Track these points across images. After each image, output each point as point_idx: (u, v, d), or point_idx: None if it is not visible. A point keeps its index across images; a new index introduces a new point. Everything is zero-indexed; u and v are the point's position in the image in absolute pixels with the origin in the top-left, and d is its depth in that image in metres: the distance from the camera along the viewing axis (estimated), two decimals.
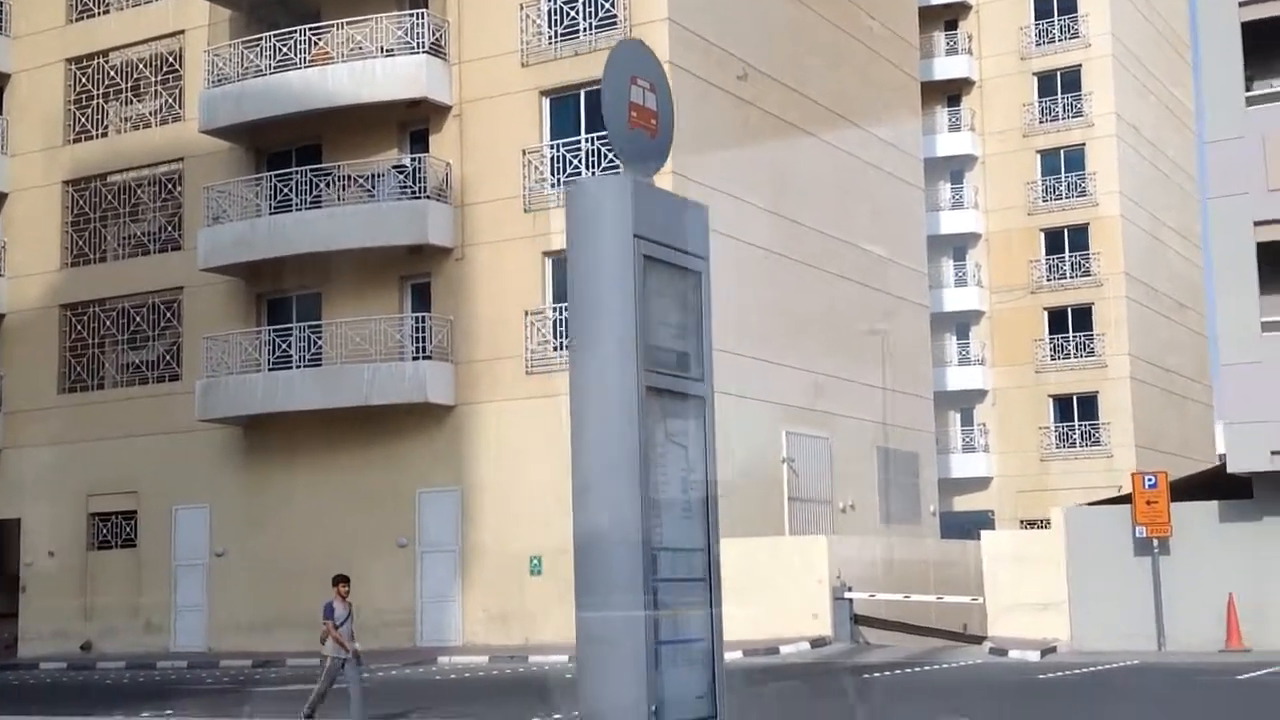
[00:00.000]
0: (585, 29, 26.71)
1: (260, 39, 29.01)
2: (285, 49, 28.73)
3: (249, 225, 28.63)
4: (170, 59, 31.58)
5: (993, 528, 41.79)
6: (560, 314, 26.33)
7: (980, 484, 45.26)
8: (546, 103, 27.10)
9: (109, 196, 32.31)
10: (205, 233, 29.09)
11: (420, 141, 28.62)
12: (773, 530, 27.21)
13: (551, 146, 26.87)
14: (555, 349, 26.39)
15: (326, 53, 28.51)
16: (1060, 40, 47.19)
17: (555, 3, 26.96)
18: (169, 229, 31.32)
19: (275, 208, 28.81)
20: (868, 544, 26.47)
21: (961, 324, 46.10)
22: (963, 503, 43.49)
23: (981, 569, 24.09)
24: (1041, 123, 47.09)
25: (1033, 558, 24.04)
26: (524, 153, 26.92)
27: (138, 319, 31.57)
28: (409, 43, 27.83)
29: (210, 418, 28.81)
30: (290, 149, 29.84)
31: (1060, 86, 47.07)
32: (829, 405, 29.81)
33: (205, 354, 29.10)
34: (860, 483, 30.98)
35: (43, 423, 32.14)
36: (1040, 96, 47.27)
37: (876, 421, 31.61)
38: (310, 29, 28.57)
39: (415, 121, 28.41)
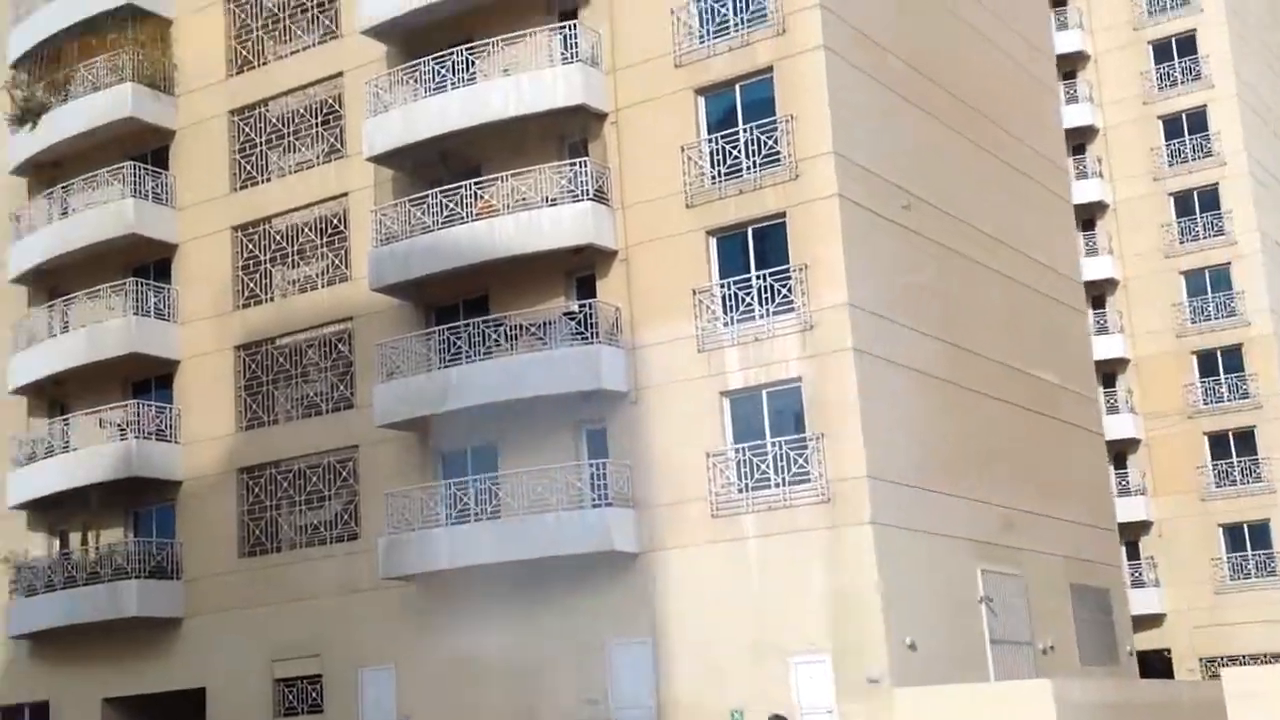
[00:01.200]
0: (749, 167, 25.62)
1: (425, 196, 28.37)
2: (451, 204, 28.11)
3: (423, 380, 27.61)
4: (334, 221, 31.05)
5: (1171, 667, 39.24)
6: (743, 455, 25.09)
7: (1153, 621, 42.58)
8: (714, 242, 26.07)
9: (280, 359, 31.61)
10: (380, 389, 28.09)
11: (586, 287, 27.56)
12: (975, 675, 25.14)
13: (722, 285, 25.84)
14: (740, 490, 25.00)
15: (491, 205, 27.77)
16: (1194, 160, 45.66)
17: (718, 143, 26.11)
18: (340, 388, 30.44)
19: (448, 361, 27.87)
20: (1087, 688, 24.32)
21: (1119, 452, 43.92)
22: (1138, 641, 41.02)
23: (1224, 709, 21.87)
24: (1182, 243, 45.40)
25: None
26: (694, 292, 25.64)
27: (314, 479, 30.58)
28: (573, 191, 27.05)
29: (394, 575, 27.40)
30: (458, 302, 28.88)
31: (1199, 206, 45.45)
32: (1018, 540, 27.94)
33: (386, 511, 28.09)
34: (1056, 622, 28.43)
35: (223, 589, 31.03)
36: (1178, 216, 45.63)
37: (1065, 556, 29.37)
38: (474, 183, 27.99)
39: (581, 268, 27.32)
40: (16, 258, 34.55)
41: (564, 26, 27.41)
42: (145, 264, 33.39)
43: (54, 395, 34.54)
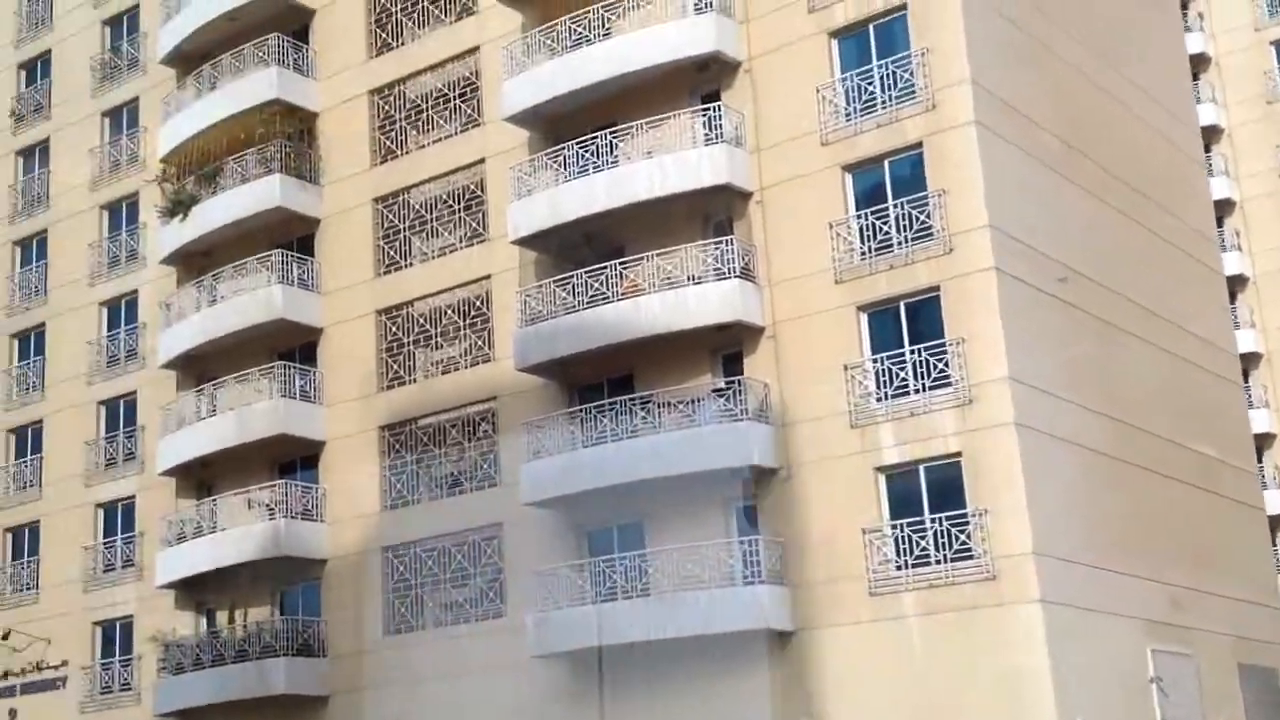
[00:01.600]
0: (900, 242, 25.22)
1: (570, 277, 28.32)
2: (596, 284, 28.05)
3: (570, 458, 27.42)
4: (477, 303, 31.05)
5: None
6: (902, 531, 24.45)
7: None
8: (864, 317, 25.68)
9: (423, 439, 31.65)
10: (527, 468, 27.88)
11: (732, 364, 27.16)
12: None
13: (874, 360, 25.38)
14: (898, 568, 24.36)
15: (636, 285, 27.63)
16: None
17: (867, 218, 25.79)
18: (484, 466, 30.46)
19: (595, 439, 27.67)
20: None
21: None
22: None
23: None
24: None
25: None
26: (845, 368, 25.23)
27: (458, 557, 30.42)
28: (718, 269, 26.85)
29: (544, 653, 27.11)
30: (602, 380, 28.73)
31: None
32: (1186, 619, 26.69)
33: (536, 588, 27.83)
34: (1225, 703, 27.16)
35: (369, 666, 30.91)
36: None
37: (1233, 635, 28.12)
38: (620, 263, 27.95)
39: (727, 345, 26.93)
40: (166, 344, 35.03)
41: (708, 108, 27.35)
42: (291, 348, 33.65)
43: (201, 477, 34.83)
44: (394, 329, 32.10)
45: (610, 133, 27.89)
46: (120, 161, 38.52)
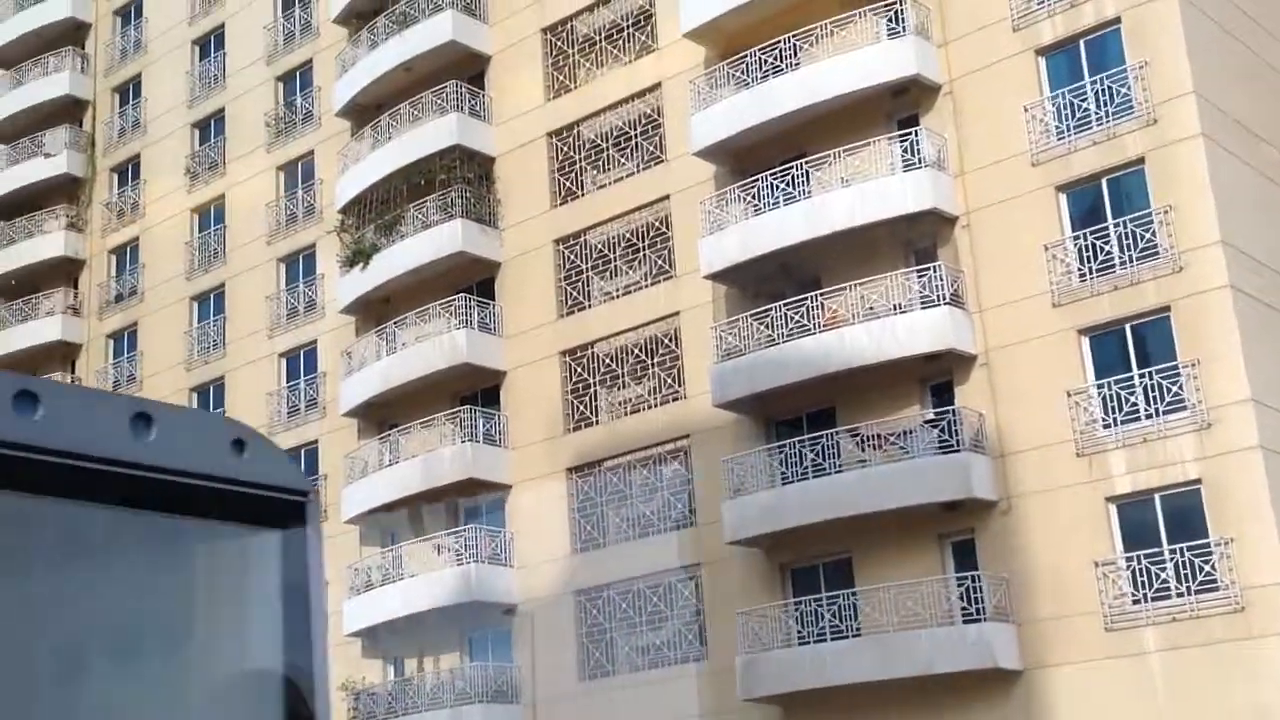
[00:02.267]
0: (1124, 262, 24.11)
1: (768, 310, 27.59)
2: (796, 316, 27.26)
3: (775, 495, 26.41)
4: (665, 340, 30.47)
5: None
6: (1138, 563, 22.97)
7: None
8: (1086, 341, 24.50)
9: (613, 479, 31.03)
10: (729, 505, 26.94)
11: (941, 394, 26.17)
12: None
13: (1099, 385, 24.14)
14: (1135, 602, 22.92)
15: (837, 316, 26.85)
16: None
17: (1086, 239, 24.64)
18: (678, 506, 29.71)
19: (800, 474, 26.73)
20: None
21: None
22: None
23: None
24: None
25: None
26: (1068, 394, 24.04)
27: (654, 599, 29.67)
28: (925, 296, 25.85)
29: (754, 697, 26.17)
30: (800, 415, 27.94)
31: None
32: None
33: (739, 630, 26.89)
34: None
35: (565, 713, 30.22)
36: None
37: None
38: (821, 294, 27.10)
39: (936, 375, 25.97)
40: (348, 392, 34.77)
41: (908, 133, 26.43)
42: (473, 392, 33.25)
43: (385, 523, 34.54)
44: (578, 370, 31.48)
45: (806, 162, 27.09)
46: (297, 214, 38.58)
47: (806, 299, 26.53)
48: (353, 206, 35.59)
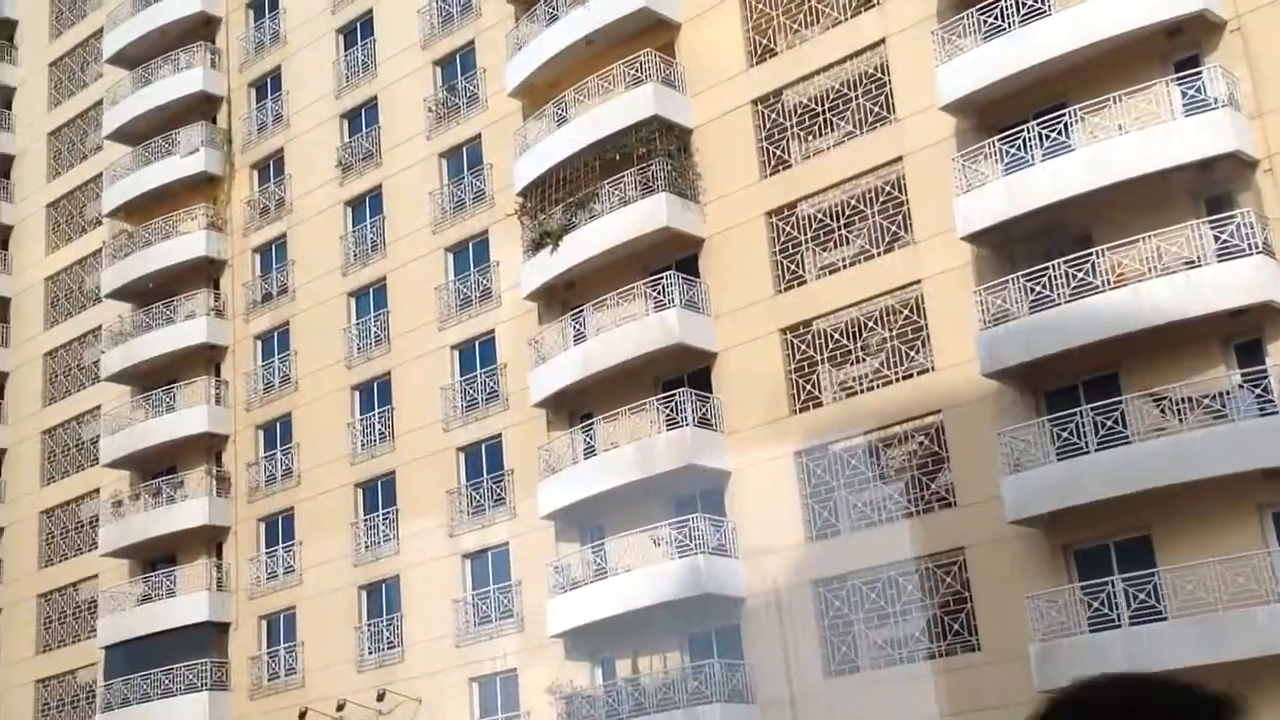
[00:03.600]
0: None
1: (1044, 269, 25.36)
2: (1080, 274, 24.97)
3: (1066, 468, 24.04)
4: (904, 311, 28.23)
5: None
6: None
7: None
8: None
9: (850, 462, 28.83)
10: (1010, 481, 24.47)
11: (1247, 352, 24.02)
12: None
13: None
14: None
15: (1124, 272, 24.60)
16: None
17: None
18: (931, 487, 27.43)
19: (1081, 446, 24.51)
20: None
21: None
22: None
23: None
24: None
25: None
26: None
27: (907, 587, 27.41)
28: (1229, 246, 23.57)
29: (1051, 688, 24.03)
30: (1075, 383, 25.73)
31: None
32: None
33: (1029, 616, 24.57)
34: None
35: (806, 712, 28.03)
36: None
37: None
38: (1109, 249, 24.82)
39: (1242, 332, 23.85)
40: (539, 382, 32.68)
41: (1191, 74, 24.17)
42: (678, 376, 31.06)
43: (582, 519, 32.36)
44: (802, 347, 29.23)
45: (1081, 109, 24.82)
46: (464, 201, 36.50)
47: (1091, 255, 24.23)
48: (533, 189, 33.49)
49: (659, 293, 30.49)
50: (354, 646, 36.05)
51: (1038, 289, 24.67)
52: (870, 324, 28.22)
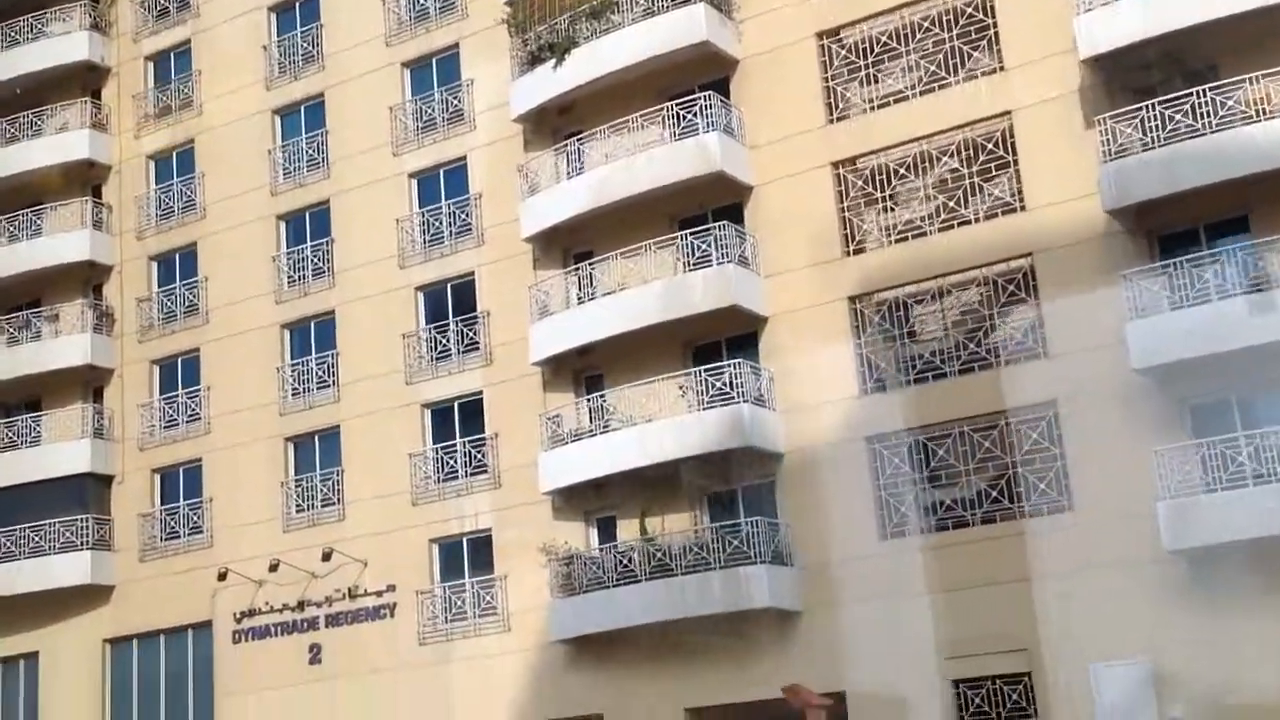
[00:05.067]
0: None
1: (1185, 96, 22.89)
2: (1224, 104, 22.65)
3: (1211, 311, 21.62)
4: (988, 145, 25.32)
5: None
6: None
7: None
8: None
9: (916, 309, 25.96)
10: (1136, 327, 21.90)
11: None
12: None
13: None
14: None
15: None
16: None
17: None
18: (1015, 335, 24.83)
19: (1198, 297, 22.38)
20: None
21: None
22: None
23: None
24: None
25: None
26: None
27: (984, 444, 24.73)
28: None
29: (1183, 547, 22.00)
30: (1196, 225, 23.50)
31: None
32: None
33: (1156, 472, 22.33)
34: None
35: (861, 575, 25.27)
36: None
37: None
38: (1262, 75, 22.52)
39: None
40: (532, 214, 28.65)
41: None
42: (699, 213, 27.61)
43: (578, 367, 28.69)
44: (859, 183, 26.21)
45: None
46: (429, 10, 31.89)
47: (1242, 82, 21.96)
48: None
49: (678, 119, 26.88)
50: (278, 504, 31.50)
51: (1170, 120, 22.27)
52: (943, 158, 25.40)
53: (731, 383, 25.70)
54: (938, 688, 23.69)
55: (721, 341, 27.10)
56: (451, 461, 29.57)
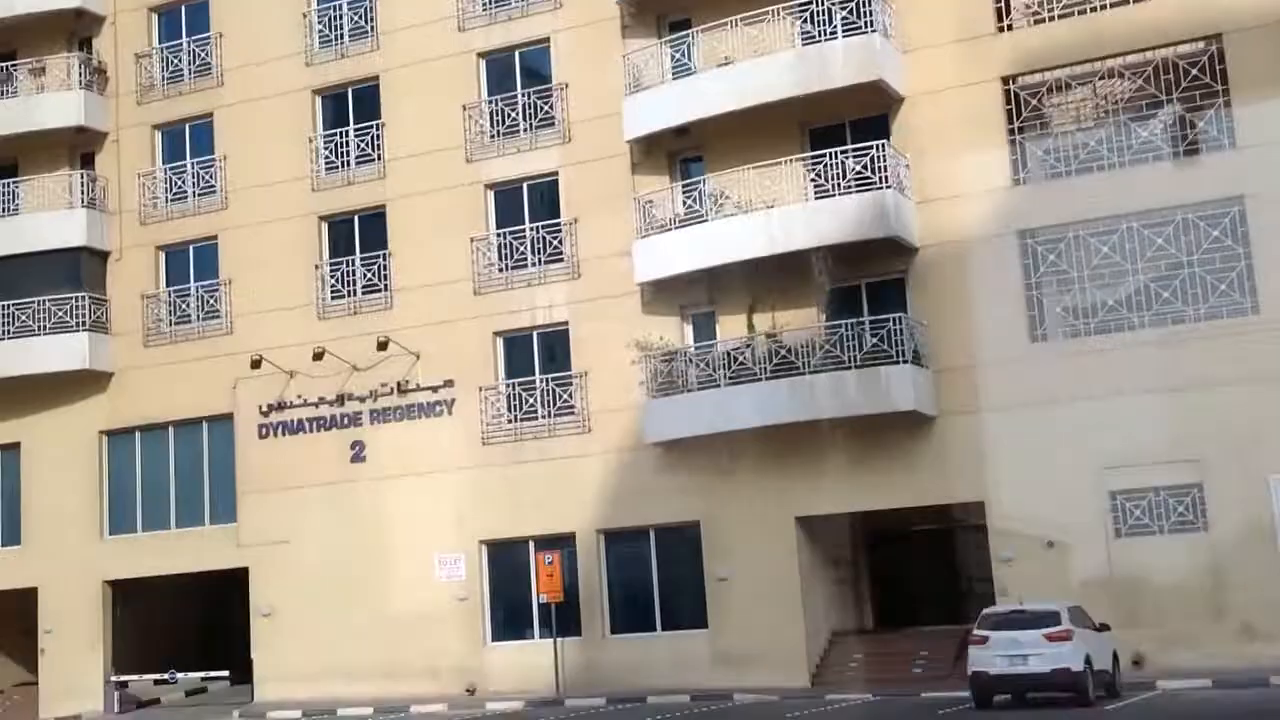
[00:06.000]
0: None
1: None
2: None
3: None
4: None
5: None
6: None
7: None
8: None
9: (1080, 91, 23.41)
10: None
11: None
12: None
13: None
14: None
15: None
16: None
17: None
18: (1195, 125, 22.56)
19: None
20: None
21: None
22: None
23: None
24: None
25: None
26: None
27: (1155, 240, 22.48)
28: None
29: None
30: None
31: None
32: None
33: None
34: None
35: (1007, 380, 23.11)
36: None
37: None
38: None
39: None
40: None
41: None
42: None
43: (673, 148, 25.67)
44: None
45: None
46: None
47: None
48: None
49: None
50: (311, 289, 28.11)
51: None
52: None
53: (873, 166, 23.01)
54: (1092, 499, 21.86)
55: (845, 124, 24.32)
56: (520, 248, 26.49)
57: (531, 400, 26.07)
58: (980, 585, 23.06)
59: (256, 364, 27.22)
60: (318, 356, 26.78)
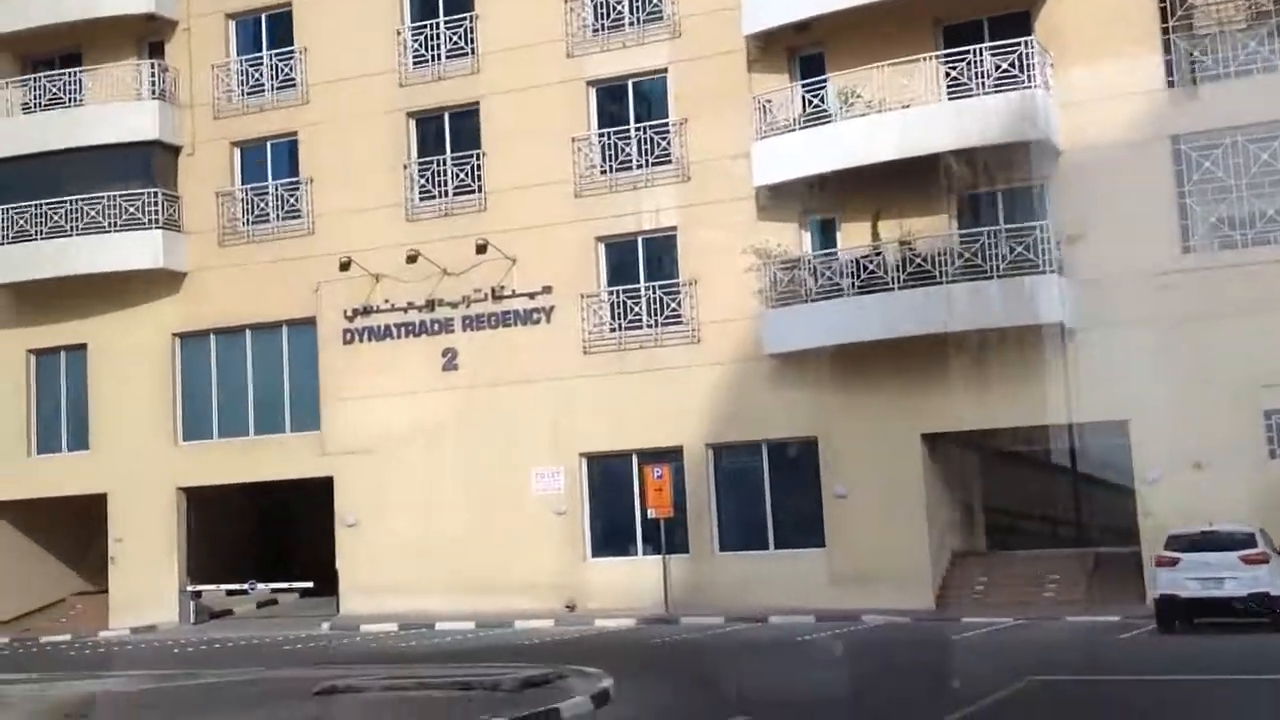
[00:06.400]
0: None
1: None
2: None
3: None
4: None
5: None
6: None
7: None
8: None
9: None
10: None
11: None
12: None
13: None
14: None
15: None
16: None
17: None
18: None
19: None
20: None
21: None
22: None
23: None
24: None
25: None
26: None
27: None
28: None
29: None
30: None
31: None
32: None
33: None
34: None
35: (1155, 292, 21.64)
36: None
37: None
38: None
39: None
40: None
41: None
42: None
43: (793, 44, 24.23)
44: None
45: None
46: None
47: None
48: None
49: None
50: (399, 189, 26.70)
51: None
52: None
53: (1019, 64, 21.62)
54: (1246, 419, 20.76)
55: (983, 21, 22.89)
56: (626, 150, 25.09)
57: (636, 309, 24.82)
58: (1101, 508, 22.01)
59: (345, 266, 25.89)
60: (412, 259, 25.43)
